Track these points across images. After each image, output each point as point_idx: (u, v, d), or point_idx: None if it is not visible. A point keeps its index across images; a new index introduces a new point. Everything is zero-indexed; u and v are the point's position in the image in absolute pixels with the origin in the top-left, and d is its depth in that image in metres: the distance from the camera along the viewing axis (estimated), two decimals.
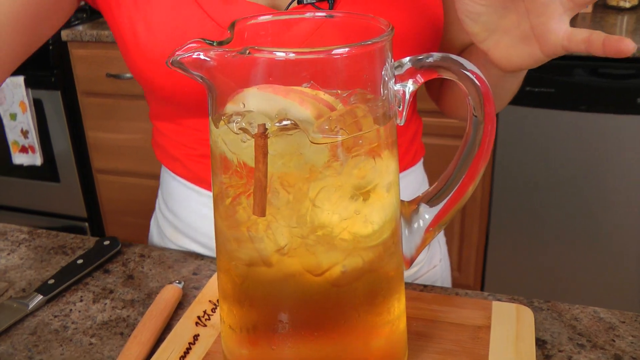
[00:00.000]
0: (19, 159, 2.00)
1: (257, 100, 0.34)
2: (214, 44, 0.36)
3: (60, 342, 0.51)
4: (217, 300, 0.54)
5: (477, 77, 0.38)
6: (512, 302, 0.55)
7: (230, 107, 0.36)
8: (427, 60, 0.38)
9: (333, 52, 0.32)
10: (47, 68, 1.86)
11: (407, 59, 0.38)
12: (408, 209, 0.42)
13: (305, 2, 0.53)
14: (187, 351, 0.49)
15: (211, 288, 0.56)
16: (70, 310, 0.56)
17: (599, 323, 0.53)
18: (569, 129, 1.66)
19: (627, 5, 1.73)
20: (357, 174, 0.35)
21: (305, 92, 0.33)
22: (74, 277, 0.59)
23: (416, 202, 0.43)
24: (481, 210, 1.80)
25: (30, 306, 0.55)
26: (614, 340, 0.50)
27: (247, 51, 0.32)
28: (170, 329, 0.52)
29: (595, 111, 1.62)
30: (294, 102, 0.32)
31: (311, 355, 0.40)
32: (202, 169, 0.64)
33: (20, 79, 1.84)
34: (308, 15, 0.41)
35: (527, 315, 0.52)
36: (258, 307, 0.42)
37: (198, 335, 0.50)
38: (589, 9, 1.73)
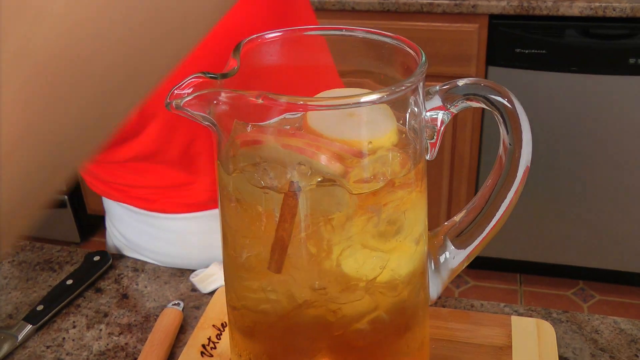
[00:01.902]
0: None
1: (280, 157, 0.29)
2: (218, 77, 0.32)
3: None
4: (222, 325, 0.51)
5: (511, 101, 0.34)
6: (531, 315, 0.53)
7: (245, 155, 0.31)
8: (459, 87, 0.34)
9: (362, 101, 0.28)
10: None
11: (437, 88, 0.34)
12: (434, 244, 0.39)
13: None
14: None
15: (213, 310, 0.53)
16: (63, 339, 0.52)
17: (620, 336, 0.51)
18: (561, 90, 1.63)
19: None
20: (385, 230, 0.31)
21: (331, 145, 0.28)
22: (64, 300, 0.55)
23: (442, 234, 0.39)
24: (469, 170, 1.78)
25: (20, 337, 0.51)
26: (637, 356, 0.49)
27: (260, 99, 0.28)
28: (174, 358, 0.49)
29: (587, 72, 1.59)
30: (320, 162, 0.28)
31: None
32: (145, 193, 0.60)
33: None
34: (323, 32, 0.36)
35: (548, 331, 0.49)
36: (272, 349, 0.39)
37: None
38: None
